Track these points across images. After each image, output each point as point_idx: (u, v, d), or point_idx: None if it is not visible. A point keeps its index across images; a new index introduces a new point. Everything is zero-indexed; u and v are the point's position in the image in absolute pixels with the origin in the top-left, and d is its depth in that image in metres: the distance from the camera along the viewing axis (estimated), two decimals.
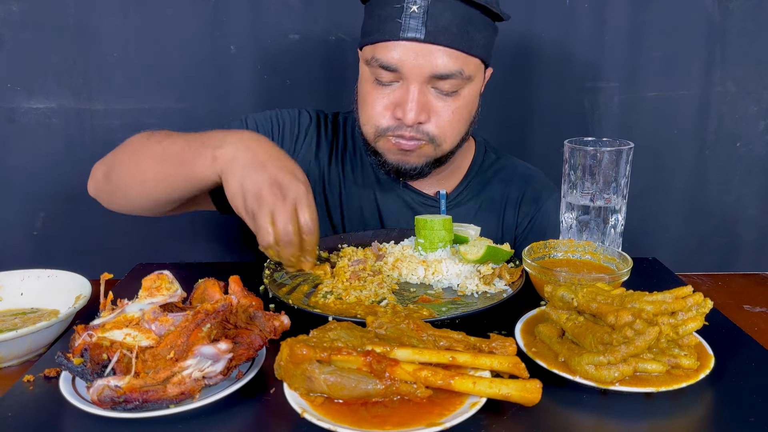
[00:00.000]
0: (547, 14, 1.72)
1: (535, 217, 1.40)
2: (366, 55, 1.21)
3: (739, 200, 1.85)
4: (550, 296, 0.88)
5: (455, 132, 1.24)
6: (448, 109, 1.20)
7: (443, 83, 1.17)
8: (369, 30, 1.20)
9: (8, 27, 1.62)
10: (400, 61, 1.15)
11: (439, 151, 1.24)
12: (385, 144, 1.23)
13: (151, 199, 1.16)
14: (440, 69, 1.15)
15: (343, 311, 0.96)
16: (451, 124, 1.21)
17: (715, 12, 1.72)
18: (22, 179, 1.71)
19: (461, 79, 1.18)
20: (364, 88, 1.24)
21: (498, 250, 1.10)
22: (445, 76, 1.16)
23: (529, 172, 1.44)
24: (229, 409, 0.73)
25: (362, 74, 1.24)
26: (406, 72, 1.16)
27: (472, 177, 1.40)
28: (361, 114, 1.26)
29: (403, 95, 1.17)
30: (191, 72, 1.69)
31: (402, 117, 1.17)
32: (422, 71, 1.15)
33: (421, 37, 1.13)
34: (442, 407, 0.70)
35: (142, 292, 0.79)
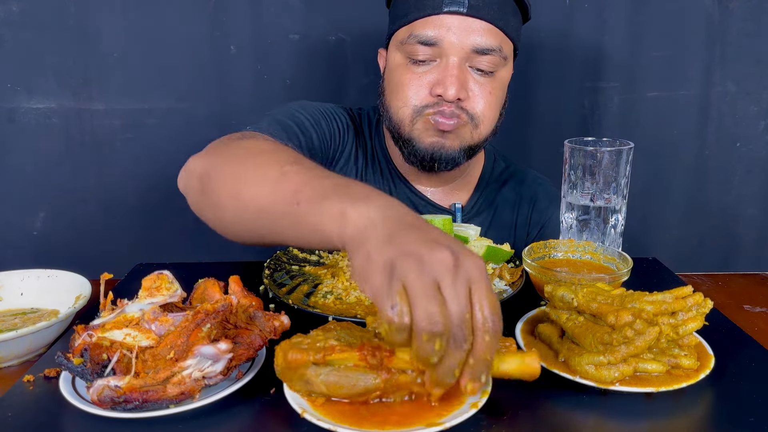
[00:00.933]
0: (547, 14, 1.72)
1: (545, 226, 1.39)
2: (401, 36, 1.19)
3: (739, 200, 1.86)
4: (550, 296, 0.88)
5: (492, 114, 1.22)
6: (486, 90, 1.19)
7: (482, 59, 1.16)
8: (404, 12, 1.18)
9: (8, 27, 1.62)
10: (440, 35, 1.14)
11: (476, 135, 1.22)
12: (423, 124, 1.19)
13: (248, 229, 0.88)
14: (481, 43, 1.15)
15: (343, 311, 0.96)
16: (489, 105, 1.20)
17: (715, 12, 1.72)
18: (22, 179, 1.71)
19: (499, 57, 1.17)
20: (396, 73, 1.21)
21: (498, 250, 1.10)
22: (485, 50, 1.15)
23: (539, 180, 1.44)
24: (229, 409, 0.73)
25: (392, 62, 1.22)
26: (446, 46, 1.15)
27: (484, 187, 1.39)
28: (393, 100, 1.22)
29: (442, 72, 1.16)
30: (191, 72, 1.69)
31: (443, 93, 1.15)
32: (463, 45, 1.14)
33: (463, 11, 1.13)
34: (441, 407, 0.70)
35: (142, 292, 0.79)
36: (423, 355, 0.61)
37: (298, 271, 1.13)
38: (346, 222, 0.69)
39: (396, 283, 0.61)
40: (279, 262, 1.14)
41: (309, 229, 0.75)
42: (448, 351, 0.61)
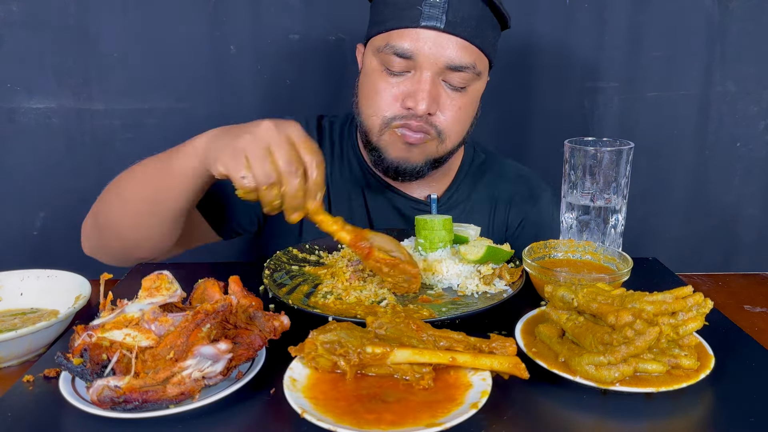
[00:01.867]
0: (547, 14, 1.72)
1: (526, 219, 1.39)
2: (377, 43, 1.19)
3: (739, 200, 1.86)
4: (550, 296, 0.87)
5: (460, 129, 1.23)
6: (455, 105, 1.20)
7: (455, 76, 1.17)
8: (383, 19, 1.18)
9: (8, 27, 1.62)
10: (416, 49, 1.14)
11: (441, 149, 1.23)
12: (390, 137, 1.21)
13: (143, 226, 1.10)
14: (455, 60, 1.15)
15: (343, 311, 0.95)
16: (457, 120, 1.21)
17: (715, 12, 1.72)
18: (22, 179, 1.71)
19: (472, 74, 1.18)
20: (370, 79, 1.21)
21: (498, 250, 1.10)
22: (459, 68, 1.16)
23: (519, 172, 1.43)
24: (229, 409, 0.73)
25: (368, 66, 1.22)
26: (421, 60, 1.15)
27: (462, 179, 1.39)
28: (365, 107, 1.23)
29: (414, 85, 1.16)
30: (191, 72, 1.69)
31: (413, 106, 1.16)
32: (438, 61, 1.15)
33: (440, 26, 1.13)
34: (440, 407, 0.70)
35: (142, 292, 0.79)
36: (268, 201, 0.90)
37: (298, 271, 1.13)
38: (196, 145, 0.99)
39: (240, 156, 0.88)
40: (279, 262, 1.14)
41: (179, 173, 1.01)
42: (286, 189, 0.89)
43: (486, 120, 1.77)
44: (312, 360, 0.76)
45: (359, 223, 1.34)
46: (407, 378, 0.75)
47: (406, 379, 0.75)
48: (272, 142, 0.89)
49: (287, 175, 0.89)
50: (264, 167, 0.88)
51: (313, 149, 0.92)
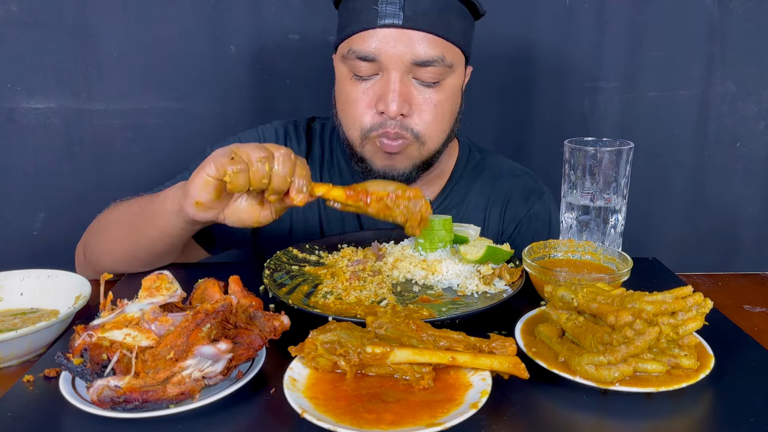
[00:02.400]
0: (547, 14, 1.72)
1: (522, 219, 1.37)
2: (342, 50, 1.17)
3: (739, 200, 1.86)
4: (550, 296, 0.88)
5: (440, 128, 1.20)
6: (431, 103, 1.16)
7: (424, 72, 1.13)
8: (344, 25, 1.17)
9: (8, 27, 1.62)
10: (377, 50, 1.11)
11: (424, 151, 1.20)
12: (372, 147, 1.19)
13: (127, 260, 1.14)
14: (421, 55, 1.12)
15: (343, 311, 0.95)
16: (435, 119, 1.18)
17: (715, 12, 1.72)
18: (22, 179, 1.71)
19: (443, 67, 1.14)
20: (342, 88, 1.19)
21: (498, 250, 1.10)
22: (426, 62, 1.12)
23: (516, 172, 1.40)
24: (229, 409, 0.73)
25: (338, 75, 1.21)
26: (385, 60, 1.12)
27: (457, 180, 1.37)
28: (343, 119, 1.22)
29: (383, 87, 1.13)
30: (191, 72, 1.69)
31: (384, 109, 1.13)
32: (402, 58, 1.11)
33: (399, 23, 1.10)
34: (440, 407, 0.70)
35: (142, 292, 0.79)
36: (260, 176, 0.88)
37: (298, 271, 1.13)
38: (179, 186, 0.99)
39: (227, 151, 0.89)
40: (279, 262, 1.14)
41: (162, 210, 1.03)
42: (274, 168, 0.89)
43: (486, 120, 1.77)
44: (312, 360, 0.76)
45: (350, 227, 1.34)
46: (407, 378, 0.75)
47: (406, 379, 0.75)
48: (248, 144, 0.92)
49: (277, 155, 0.89)
50: (252, 149, 0.89)
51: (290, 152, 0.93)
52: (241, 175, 0.88)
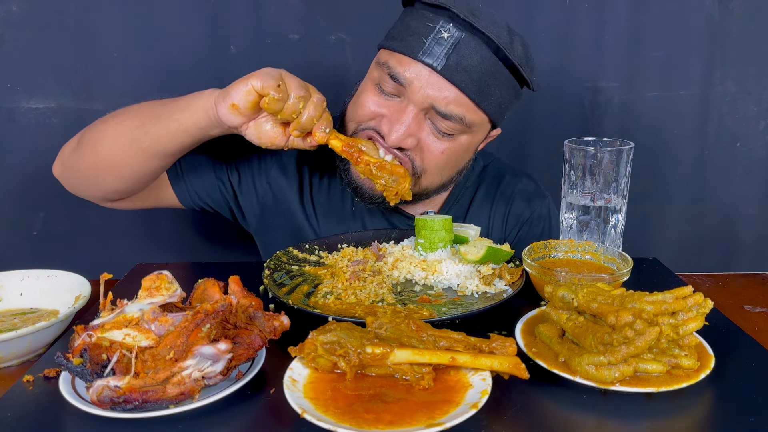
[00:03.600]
0: (547, 14, 1.72)
1: (524, 226, 1.37)
2: (381, 57, 1.16)
3: (739, 200, 1.86)
4: (550, 296, 0.87)
5: (440, 172, 1.19)
6: (438, 147, 1.15)
7: (441, 122, 1.12)
8: (395, 35, 1.15)
9: (8, 27, 1.62)
10: (408, 79, 1.10)
11: (418, 186, 1.19)
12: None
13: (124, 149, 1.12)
14: (441, 107, 1.10)
15: (343, 311, 0.95)
16: (438, 164, 1.17)
17: (715, 12, 1.72)
18: (22, 179, 1.71)
19: (461, 125, 1.13)
20: (365, 88, 1.19)
21: (498, 251, 1.10)
22: (445, 116, 1.11)
23: (517, 178, 1.39)
24: (229, 409, 0.73)
25: (369, 74, 1.20)
26: (411, 92, 1.11)
27: (460, 191, 1.36)
28: (350, 111, 1.22)
29: (398, 112, 1.13)
30: (191, 72, 1.69)
31: (386, 134, 1.12)
32: (425, 100, 1.10)
33: (438, 67, 1.08)
34: (440, 407, 0.70)
35: (142, 292, 0.79)
36: (292, 110, 1.01)
37: (298, 271, 1.13)
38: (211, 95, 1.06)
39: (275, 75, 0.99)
40: (279, 262, 1.14)
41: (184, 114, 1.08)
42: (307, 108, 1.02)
43: None
44: (312, 360, 0.76)
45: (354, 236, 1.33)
46: (407, 378, 0.75)
47: (406, 379, 0.75)
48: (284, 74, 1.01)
49: (314, 98, 1.02)
50: (296, 85, 1.00)
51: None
52: (278, 103, 0.99)
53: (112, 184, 1.18)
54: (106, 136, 1.14)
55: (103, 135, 1.14)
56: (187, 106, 1.08)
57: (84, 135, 1.18)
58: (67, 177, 1.23)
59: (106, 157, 1.14)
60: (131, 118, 1.13)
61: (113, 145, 1.13)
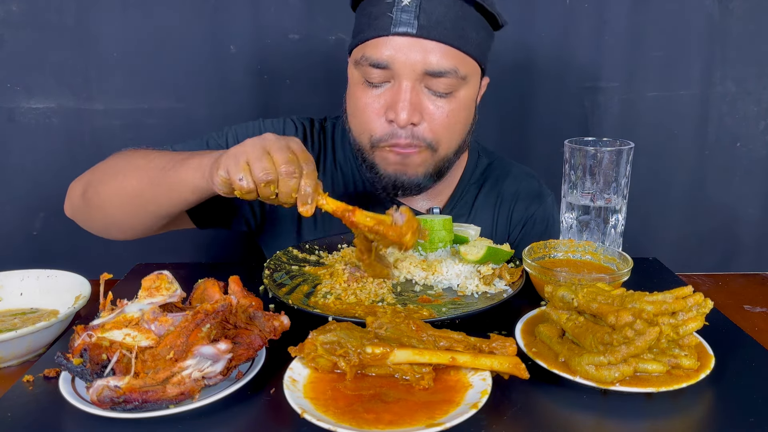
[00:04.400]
0: (547, 14, 1.72)
1: (527, 223, 1.37)
2: (355, 56, 1.16)
3: (739, 200, 1.86)
4: (550, 296, 0.87)
5: (451, 136, 1.18)
6: (443, 112, 1.14)
7: (437, 82, 1.12)
8: (359, 30, 1.16)
9: (8, 27, 1.62)
10: (390, 57, 1.10)
11: (437, 158, 1.19)
12: (381, 154, 1.18)
13: (131, 213, 1.13)
14: (433, 65, 1.10)
15: (343, 311, 0.95)
16: (446, 127, 1.16)
17: (715, 12, 1.72)
18: (22, 179, 1.71)
19: (456, 78, 1.12)
20: (353, 93, 1.18)
21: (498, 251, 1.10)
22: (439, 73, 1.11)
23: (521, 177, 1.40)
24: (229, 409, 0.73)
25: (351, 79, 1.19)
26: (398, 68, 1.10)
27: (464, 187, 1.36)
28: (353, 124, 1.21)
29: (394, 95, 1.12)
30: (191, 72, 1.69)
31: (394, 118, 1.12)
32: (414, 67, 1.10)
33: (413, 32, 1.08)
34: (440, 407, 0.70)
35: (142, 292, 0.79)
36: (264, 197, 0.92)
37: (298, 271, 1.13)
38: (203, 165, 0.99)
39: (240, 160, 0.91)
40: (279, 262, 1.14)
41: (180, 185, 1.03)
42: (280, 184, 0.90)
43: (486, 120, 1.77)
44: (312, 360, 0.76)
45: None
46: (407, 378, 0.75)
47: (406, 379, 0.75)
48: (272, 147, 0.91)
49: (285, 175, 0.90)
50: (263, 165, 0.90)
51: (309, 160, 0.93)
52: (248, 194, 0.93)
53: (126, 236, 1.21)
54: (112, 199, 1.13)
55: (109, 198, 1.14)
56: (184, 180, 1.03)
57: (88, 190, 1.17)
58: (81, 223, 1.24)
59: (116, 219, 1.17)
60: (134, 179, 1.10)
61: (120, 209, 1.13)
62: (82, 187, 1.19)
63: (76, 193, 1.20)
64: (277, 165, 0.90)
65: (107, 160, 1.19)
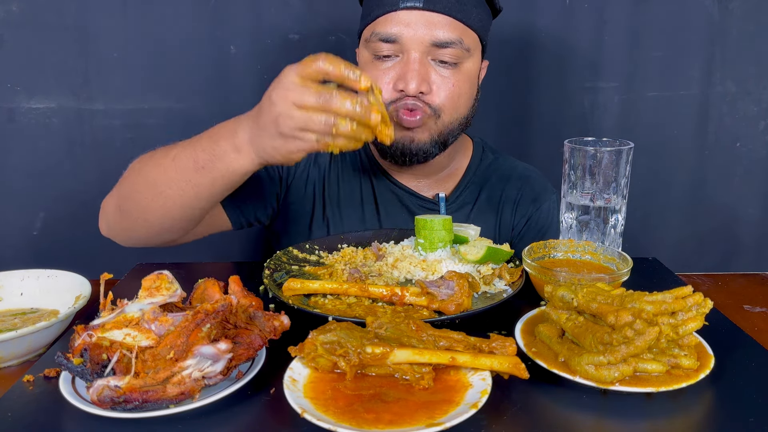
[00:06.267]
0: (547, 14, 1.72)
1: (532, 218, 1.39)
2: (366, 35, 1.22)
3: (739, 200, 1.86)
4: (550, 296, 0.88)
5: (454, 104, 1.23)
6: (449, 81, 1.21)
7: (443, 52, 1.18)
8: (368, 11, 1.22)
9: (8, 27, 1.62)
10: (399, 31, 1.17)
11: (440, 123, 1.23)
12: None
13: (174, 216, 1.10)
14: (440, 37, 1.17)
15: (343, 311, 0.95)
16: (451, 96, 1.22)
17: (715, 12, 1.72)
18: (22, 179, 1.71)
19: (461, 49, 1.19)
20: (364, 70, 1.18)
21: (498, 251, 1.10)
22: (445, 44, 1.17)
23: (527, 173, 1.43)
24: (229, 409, 0.73)
25: (361, 59, 1.26)
26: (406, 41, 1.17)
27: (470, 178, 1.39)
28: None
29: (404, 67, 1.18)
30: (191, 72, 1.69)
31: (404, 87, 1.17)
32: (422, 39, 1.17)
33: (419, 5, 1.16)
34: (440, 407, 0.70)
35: (142, 292, 0.79)
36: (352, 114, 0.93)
37: (298, 271, 1.13)
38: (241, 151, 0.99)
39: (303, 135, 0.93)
40: (279, 262, 1.14)
41: (223, 176, 1.02)
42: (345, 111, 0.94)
43: (486, 120, 1.77)
44: (312, 360, 0.76)
45: (370, 223, 1.35)
46: (407, 378, 0.75)
47: (406, 379, 0.75)
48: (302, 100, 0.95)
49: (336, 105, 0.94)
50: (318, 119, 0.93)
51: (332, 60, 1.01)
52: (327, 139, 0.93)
53: (171, 238, 1.18)
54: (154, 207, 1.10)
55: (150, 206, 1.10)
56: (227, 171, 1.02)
57: (124, 204, 1.15)
58: (121, 238, 1.21)
59: (161, 225, 1.13)
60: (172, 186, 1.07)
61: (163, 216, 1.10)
62: (115, 202, 1.17)
63: (110, 209, 1.18)
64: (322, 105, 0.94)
65: (132, 171, 1.16)
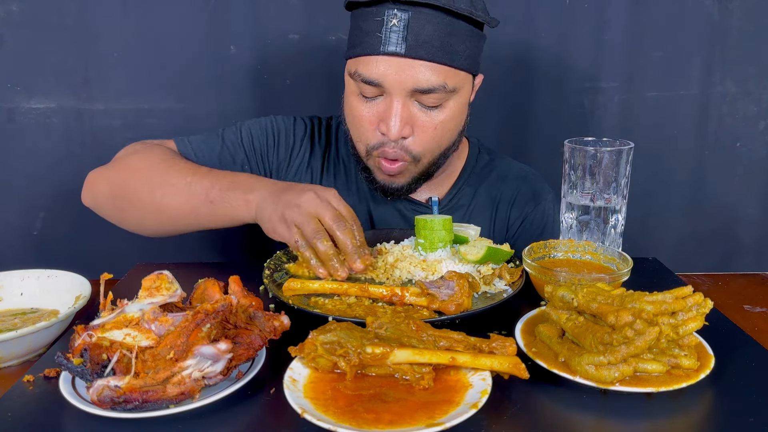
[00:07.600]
0: (546, 14, 1.72)
1: (527, 219, 1.38)
2: (350, 68, 1.20)
3: (739, 200, 1.86)
4: (550, 296, 0.88)
5: (438, 146, 1.23)
6: (432, 124, 1.19)
7: (426, 97, 1.15)
8: (353, 42, 1.19)
9: (8, 27, 1.62)
10: (382, 76, 1.14)
11: (420, 166, 1.24)
12: (374, 163, 1.24)
13: (167, 229, 1.23)
14: (422, 84, 1.13)
15: (343, 311, 0.95)
16: (433, 139, 1.21)
17: (715, 12, 1.72)
18: (22, 179, 1.71)
19: (445, 93, 1.16)
20: (350, 102, 1.23)
21: (498, 251, 1.10)
22: (428, 90, 1.14)
23: (522, 174, 1.43)
24: (229, 409, 0.73)
25: (348, 87, 1.24)
26: (388, 86, 1.14)
27: (465, 180, 1.39)
28: (351, 130, 1.26)
29: (386, 109, 1.16)
30: (191, 72, 1.69)
31: (386, 132, 1.17)
32: (404, 86, 1.14)
33: (401, 52, 1.11)
34: (440, 407, 0.70)
35: (142, 292, 0.79)
36: (323, 257, 1.03)
37: None
38: (249, 203, 1.12)
39: (291, 227, 1.05)
40: (279, 262, 1.14)
41: (224, 217, 1.15)
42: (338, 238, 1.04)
43: (486, 120, 1.77)
44: (312, 360, 0.76)
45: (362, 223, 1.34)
46: (407, 378, 0.75)
47: (406, 379, 0.75)
48: (318, 210, 1.04)
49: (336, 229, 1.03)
50: (311, 227, 1.03)
51: (351, 213, 1.07)
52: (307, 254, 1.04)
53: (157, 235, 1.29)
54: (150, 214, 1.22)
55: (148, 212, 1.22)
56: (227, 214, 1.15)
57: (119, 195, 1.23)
58: (105, 217, 1.29)
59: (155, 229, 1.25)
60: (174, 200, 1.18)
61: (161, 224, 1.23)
62: (108, 188, 1.24)
63: (101, 191, 1.25)
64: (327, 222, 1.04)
65: (134, 171, 1.23)
